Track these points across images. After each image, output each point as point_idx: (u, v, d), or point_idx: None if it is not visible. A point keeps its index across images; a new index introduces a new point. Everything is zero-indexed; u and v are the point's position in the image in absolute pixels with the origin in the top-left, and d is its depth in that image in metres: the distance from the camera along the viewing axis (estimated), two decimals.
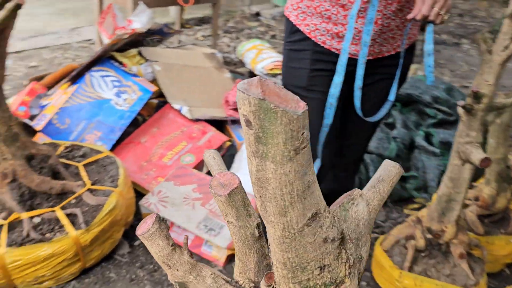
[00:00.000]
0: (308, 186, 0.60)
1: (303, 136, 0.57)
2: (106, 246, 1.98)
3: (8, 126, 1.78)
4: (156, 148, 2.61)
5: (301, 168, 0.58)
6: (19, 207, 1.82)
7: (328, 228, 0.64)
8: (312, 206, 0.61)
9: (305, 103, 0.58)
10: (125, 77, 2.65)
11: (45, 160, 1.94)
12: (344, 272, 0.68)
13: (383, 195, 0.74)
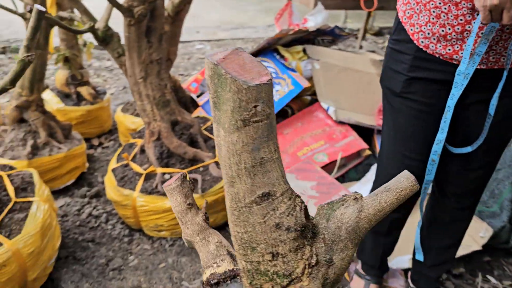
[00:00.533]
0: (261, 163, 0.58)
1: (256, 109, 0.56)
2: (219, 217, 2.15)
3: (162, 92, 2.09)
4: (295, 141, 2.69)
5: (251, 141, 0.57)
6: (157, 162, 2.12)
7: (283, 214, 0.61)
8: (264, 185, 0.59)
9: (269, 78, 0.56)
10: (282, 70, 2.79)
11: (187, 128, 2.21)
12: (301, 269, 0.63)
13: (384, 205, 0.65)
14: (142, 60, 1.99)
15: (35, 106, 2.37)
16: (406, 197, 0.66)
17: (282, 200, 0.60)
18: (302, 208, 0.62)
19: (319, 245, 0.64)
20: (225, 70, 0.54)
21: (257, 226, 0.61)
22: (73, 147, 2.44)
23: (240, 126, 0.56)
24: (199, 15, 6.38)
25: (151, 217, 2.06)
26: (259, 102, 0.55)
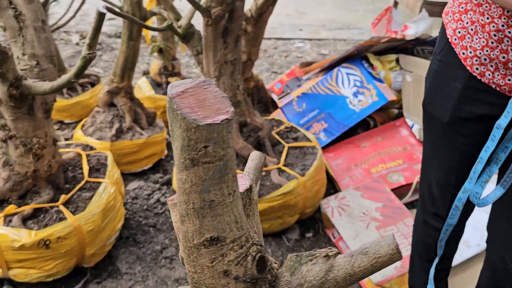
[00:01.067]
0: (210, 206, 0.55)
1: (206, 150, 0.52)
2: (274, 224, 2.12)
3: (234, 93, 2.11)
4: (372, 156, 2.54)
5: (199, 182, 0.54)
6: None
7: (231, 262, 0.56)
8: (213, 229, 0.56)
9: (225, 118, 0.52)
10: (368, 79, 2.64)
11: (255, 131, 2.21)
12: None
13: (356, 270, 0.58)
14: (217, 60, 2.03)
15: (124, 92, 2.55)
16: (383, 266, 0.57)
17: (232, 248, 0.56)
18: (255, 258, 0.57)
19: None
20: (177, 106, 0.52)
21: (206, 269, 0.57)
22: (153, 134, 2.59)
23: (189, 166, 0.53)
24: (306, 12, 6.32)
25: None
26: (210, 143, 0.52)
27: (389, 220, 2.04)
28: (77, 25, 5.16)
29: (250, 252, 0.57)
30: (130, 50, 2.47)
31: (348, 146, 2.64)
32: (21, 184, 1.72)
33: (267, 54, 4.72)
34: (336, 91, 2.72)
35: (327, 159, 2.59)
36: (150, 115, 2.71)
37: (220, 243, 0.56)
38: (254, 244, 0.58)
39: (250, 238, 0.58)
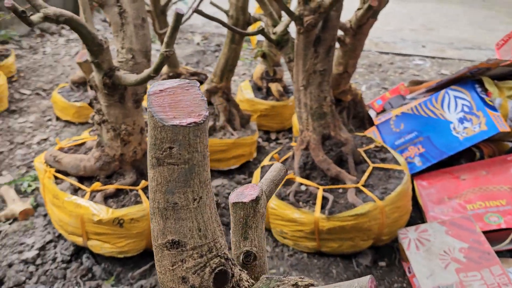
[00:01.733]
0: (174, 208, 0.54)
1: (171, 151, 0.52)
2: (345, 245, 2.02)
3: (320, 104, 2.06)
4: (470, 191, 2.28)
5: (164, 182, 0.54)
6: (298, 171, 2.12)
7: (189, 269, 0.55)
8: (175, 232, 0.55)
9: (195, 121, 0.52)
10: (478, 106, 2.37)
11: (338, 145, 2.13)
12: None
13: None
14: (306, 69, 2.00)
15: (221, 92, 2.66)
16: None
17: (191, 255, 0.55)
18: (214, 271, 0.54)
19: None
20: (149, 103, 0.52)
21: (167, 271, 0.57)
22: (244, 136, 2.65)
23: (155, 164, 0.53)
24: (434, 29, 5.92)
25: (277, 222, 2.09)
26: (175, 144, 0.51)
27: (472, 265, 1.81)
28: (203, 26, 5.53)
29: (210, 263, 0.55)
30: (231, 52, 2.56)
31: (445, 176, 2.40)
32: (109, 164, 1.89)
33: (381, 69, 4.53)
34: (439, 115, 2.49)
35: (418, 186, 2.38)
36: (245, 117, 2.78)
37: (181, 248, 0.55)
38: (217, 256, 0.55)
39: (214, 249, 0.56)
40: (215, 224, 0.57)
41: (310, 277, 1.98)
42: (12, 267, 1.90)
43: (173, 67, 3.33)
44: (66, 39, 4.78)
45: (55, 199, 1.89)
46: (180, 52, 4.50)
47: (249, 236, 0.71)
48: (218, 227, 0.58)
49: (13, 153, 2.74)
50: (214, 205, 0.57)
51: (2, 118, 3.12)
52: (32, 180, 2.45)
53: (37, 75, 3.82)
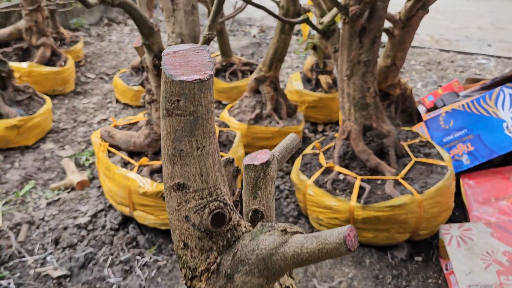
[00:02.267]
0: (180, 155, 0.62)
1: (178, 103, 0.59)
2: (380, 236, 2.02)
3: (363, 94, 2.07)
4: None
5: (172, 131, 0.61)
6: (338, 160, 2.14)
7: (191, 209, 0.62)
8: (180, 176, 0.62)
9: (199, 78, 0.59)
10: None
11: (379, 137, 2.13)
12: (202, 270, 0.63)
13: (304, 251, 0.58)
14: (351, 59, 2.02)
15: (269, 82, 2.72)
16: (329, 254, 0.56)
17: (193, 196, 0.62)
18: (211, 212, 0.61)
19: (227, 258, 0.63)
20: (163, 62, 0.60)
21: (174, 212, 0.64)
22: (288, 125, 2.70)
23: (165, 115, 0.61)
24: (504, 28, 5.61)
25: (314, 208, 2.12)
26: (182, 98, 0.59)
27: None
28: (261, 19, 5.61)
29: (209, 205, 0.62)
30: (280, 43, 2.62)
31: (495, 176, 2.31)
32: (156, 142, 2.02)
33: (440, 67, 4.38)
34: (492, 113, 2.40)
35: (464, 185, 2.32)
36: (291, 107, 2.83)
37: (185, 190, 0.62)
38: (217, 200, 0.62)
39: (214, 194, 0.62)
40: (217, 173, 0.64)
41: (342, 264, 2.00)
42: (67, 230, 2.09)
43: (226, 57, 3.44)
44: (130, 28, 5.05)
45: (107, 171, 2.05)
46: (236, 44, 4.61)
47: (258, 196, 0.77)
48: (220, 176, 0.65)
49: (76, 130, 2.98)
50: (218, 156, 0.64)
51: (69, 99, 3.39)
52: (90, 155, 2.65)
53: (102, 61, 4.09)
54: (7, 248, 1.98)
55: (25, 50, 3.40)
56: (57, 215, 2.19)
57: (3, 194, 2.34)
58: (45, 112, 2.77)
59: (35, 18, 3.25)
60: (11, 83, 2.71)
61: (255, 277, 0.62)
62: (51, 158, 2.66)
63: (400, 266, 2.01)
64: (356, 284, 1.90)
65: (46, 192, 2.36)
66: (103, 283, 1.84)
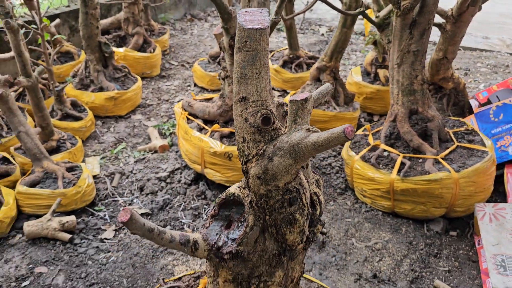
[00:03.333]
0: (244, 78, 0.96)
1: (246, 43, 0.94)
2: (417, 209, 2.24)
3: (410, 81, 2.31)
4: None
5: (241, 61, 0.96)
6: (384, 139, 2.40)
7: (249, 113, 0.97)
8: (244, 92, 0.97)
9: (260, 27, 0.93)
10: None
11: (424, 121, 2.35)
12: (253, 155, 0.98)
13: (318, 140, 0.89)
14: (401, 48, 2.27)
15: (330, 71, 3.02)
16: (334, 141, 0.87)
17: (251, 105, 0.96)
18: (262, 115, 0.95)
19: (270, 146, 0.96)
20: (238, 17, 0.95)
21: (238, 117, 0.99)
22: (343, 111, 2.99)
23: (237, 51, 0.96)
24: None
25: (359, 181, 2.40)
26: (248, 39, 0.93)
27: None
28: (331, 20, 5.88)
29: (260, 111, 0.95)
30: (341, 36, 2.91)
31: None
32: (227, 112, 2.41)
33: (507, 70, 4.40)
34: None
35: (508, 174, 2.46)
36: (349, 95, 3.10)
37: (246, 101, 0.96)
38: (265, 109, 0.96)
39: (265, 105, 0.96)
40: (268, 92, 0.97)
41: (380, 230, 2.26)
42: (150, 181, 2.54)
43: (293, 50, 3.78)
44: (210, 24, 5.56)
45: (185, 134, 2.47)
46: (305, 40, 4.93)
47: (297, 122, 1.09)
48: (269, 93, 0.98)
49: (160, 106, 3.47)
50: (269, 82, 0.98)
51: (154, 81, 3.91)
52: (170, 126, 3.12)
53: (184, 51, 4.60)
54: (103, 190, 2.47)
55: (122, 38, 3.97)
56: (142, 169, 2.65)
57: (101, 150, 2.86)
58: (136, 88, 3.28)
59: (132, 10, 3.80)
60: (112, 62, 3.25)
61: (287, 158, 0.94)
62: (139, 126, 3.16)
63: (434, 237, 2.22)
64: (390, 246, 2.15)
65: (134, 152, 2.84)
66: (177, 222, 2.25)
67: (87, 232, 2.17)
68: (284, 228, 1.03)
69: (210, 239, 1.08)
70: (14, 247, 2.06)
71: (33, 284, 1.88)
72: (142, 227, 0.94)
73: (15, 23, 2.14)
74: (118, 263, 2.00)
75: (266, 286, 1.11)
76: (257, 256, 1.07)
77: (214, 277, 1.15)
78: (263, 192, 0.99)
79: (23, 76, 2.31)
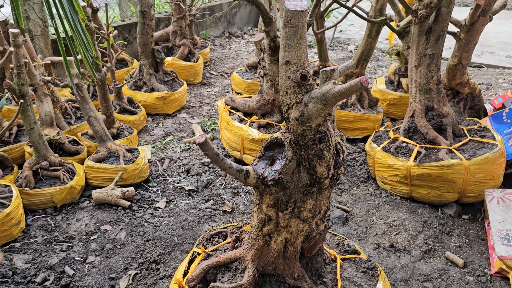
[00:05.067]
0: (288, 46, 1.32)
1: (290, 21, 1.31)
2: (432, 193, 2.52)
3: (427, 81, 2.62)
4: None
5: (286, 35, 1.32)
6: (403, 132, 2.70)
7: (291, 72, 1.32)
8: (287, 56, 1.33)
9: (301, 10, 1.30)
10: None
11: (439, 116, 2.64)
12: (293, 103, 1.33)
13: (341, 89, 1.24)
14: (418, 52, 2.60)
15: (355, 77, 3.36)
16: (353, 88, 1.21)
17: (292, 67, 1.32)
18: (301, 73, 1.31)
19: (306, 96, 1.31)
20: (286, 2, 1.32)
21: (282, 76, 1.35)
22: (367, 113, 3.30)
23: (283, 27, 1.32)
24: None
25: (380, 169, 2.70)
26: (292, 18, 1.30)
27: None
28: (360, 39, 6.25)
29: (300, 70, 1.31)
30: (367, 45, 3.26)
31: None
32: (264, 106, 2.77)
33: None
34: None
35: None
36: (373, 100, 3.42)
37: (289, 64, 1.32)
38: (303, 69, 1.31)
39: (303, 65, 1.31)
40: (305, 58, 1.32)
41: (398, 210, 2.54)
42: (195, 165, 2.91)
43: (323, 61, 4.14)
44: (246, 41, 6.02)
45: (227, 125, 2.85)
46: (334, 56, 5.31)
47: None
48: (306, 60, 1.33)
49: (202, 108, 3.88)
50: (306, 50, 1.33)
51: (197, 87, 4.34)
52: (212, 123, 3.50)
53: (222, 63, 5.04)
54: (155, 171, 2.85)
55: (169, 49, 4.45)
56: (188, 157, 3.03)
57: (151, 141, 3.27)
58: (182, 91, 3.71)
59: (180, 24, 4.28)
60: (162, 67, 3.69)
61: (318, 104, 1.28)
62: (184, 123, 3.56)
63: (448, 219, 2.49)
64: (406, 224, 2.43)
65: (180, 144, 3.23)
66: (219, 198, 2.60)
67: (143, 202, 2.55)
68: (315, 161, 1.37)
69: (258, 171, 1.43)
70: (83, 210, 2.45)
71: (100, 237, 2.25)
72: (212, 150, 1.29)
73: (92, 26, 2.59)
74: (170, 225, 2.36)
75: (300, 210, 1.44)
76: (293, 184, 1.41)
77: (259, 204, 1.48)
78: (300, 132, 1.34)
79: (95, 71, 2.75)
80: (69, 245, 2.19)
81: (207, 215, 2.44)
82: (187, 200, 2.58)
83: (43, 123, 2.72)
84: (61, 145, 2.71)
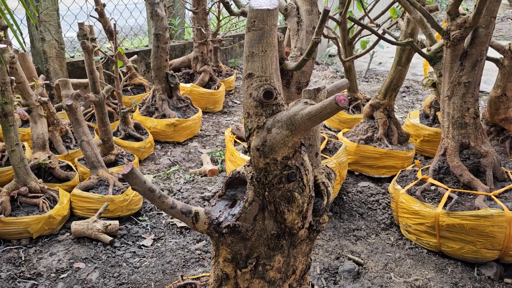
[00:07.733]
0: (252, 55, 1.03)
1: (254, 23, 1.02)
2: (465, 248, 2.08)
3: (462, 114, 2.22)
4: None
5: (249, 40, 1.03)
6: (432, 173, 2.30)
7: (253, 88, 1.02)
8: (251, 68, 1.03)
9: (268, 9, 1.01)
10: None
11: (477, 156, 2.22)
12: (254, 128, 1.02)
13: (313, 111, 0.93)
14: (451, 80, 2.22)
15: (383, 109, 2.99)
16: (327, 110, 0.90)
17: (255, 80, 1.02)
18: (264, 90, 1.00)
19: (270, 119, 1.00)
20: (251, 3, 1.03)
21: (245, 92, 1.05)
22: (396, 150, 2.91)
23: (247, 31, 1.03)
24: None
25: (404, 215, 2.29)
26: (256, 19, 1.01)
27: None
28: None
29: (263, 86, 1.00)
30: (396, 73, 2.90)
31: None
32: None
33: None
34: None
35: None
36: (403, 135, 3.03)
37: (251, 77, 1.02)
38: (269, 84, 1.00)
39: (268, 81, 1.00)
40: (273, 70, 1.02)
41: (423, 267, 2.11)
42: (194, 199, 2.62)
43: (352, 92, 3.80)
44: None
45: (231, 156, 2.55)
46: (368, 88, 4.95)
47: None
48: (275, 72, 1.02)
49: (217, 137, 3.62)
50: (277, 60, 1.03)
51: (216, 116, 4.11)
52: (223, 154, 3.23)
53: None
54: (150, 204, 2.59)
55: (190, 75, 4.27)
56: (189, 189, 2.76)
57: (155, 170, 3.02)
58: (196, 118, 3.48)
59: (201, 50, 4.11)
60: (176, 93, 3.49)
61: (284, 130, 0.97)
62: (194, 152, 3.31)
63: (485, 282, 2.03)
64: (432, 285, 2.00)
65: (185, 175, 2.97)
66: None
67: (127, 238, 2.27)
68: (282, 205, 1.04)
69: (212, 214, 1.11)
70: (60, 243, 2.20)
71: (70, 277, 1.99)
72: (143, 185, 1.00)
73: (90, 44, 2.43)
74: (150, 267, 2.06)
75: (265, 269, 1.10)
76: (256, 235, 1.08)
77: (215, 257, 1.16)
78: (262, 166, 1.02)
79: (92, 92, 2.57)
80: (34, 283, 1.94)
81: (195, 258, 2.12)
82: (177, 239, 2.28)
83: (35, 145, 2.55)
84: (51, 170, 2.51)
